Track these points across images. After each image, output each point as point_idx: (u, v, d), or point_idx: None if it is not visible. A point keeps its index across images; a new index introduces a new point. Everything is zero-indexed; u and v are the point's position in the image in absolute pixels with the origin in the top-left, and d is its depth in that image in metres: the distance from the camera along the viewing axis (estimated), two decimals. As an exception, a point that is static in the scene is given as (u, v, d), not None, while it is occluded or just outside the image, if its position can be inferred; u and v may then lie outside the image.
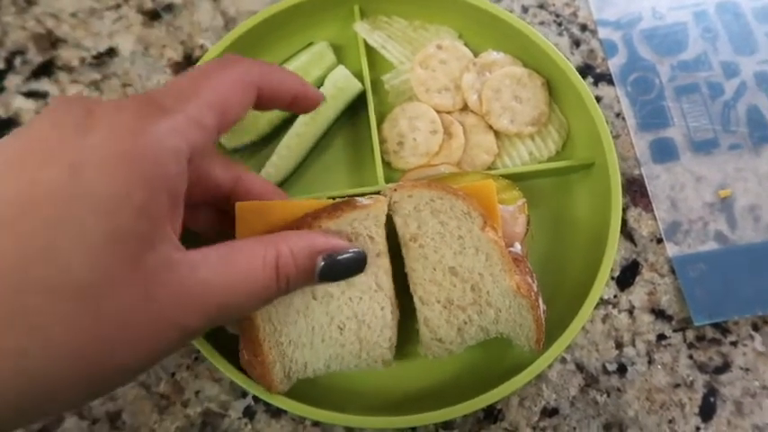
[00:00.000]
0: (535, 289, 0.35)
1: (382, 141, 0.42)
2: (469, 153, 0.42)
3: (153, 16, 0.48)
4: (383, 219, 0.35)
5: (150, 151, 0.19)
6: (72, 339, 0.17)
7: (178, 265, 0.20)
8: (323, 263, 0.27)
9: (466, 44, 0.45)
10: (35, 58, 0.46)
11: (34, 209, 0.18)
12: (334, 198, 0.37)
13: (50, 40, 0.47)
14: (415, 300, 0.35)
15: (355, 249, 0.29)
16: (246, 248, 0.23)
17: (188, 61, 0.46)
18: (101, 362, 0.18)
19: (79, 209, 0.18)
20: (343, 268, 0.28)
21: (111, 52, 0.47)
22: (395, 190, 0.35)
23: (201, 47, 0.47)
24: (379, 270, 0.34)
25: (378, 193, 0.40)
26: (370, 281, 0.34)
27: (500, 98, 0.42)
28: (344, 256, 0.28)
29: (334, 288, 0.33)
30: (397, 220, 0.35)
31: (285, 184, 0.42)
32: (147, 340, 0.19)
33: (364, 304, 0.34)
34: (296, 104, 0.32)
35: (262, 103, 0.29)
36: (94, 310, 0.18)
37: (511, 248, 0.36)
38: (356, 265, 0.29)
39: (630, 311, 0.41)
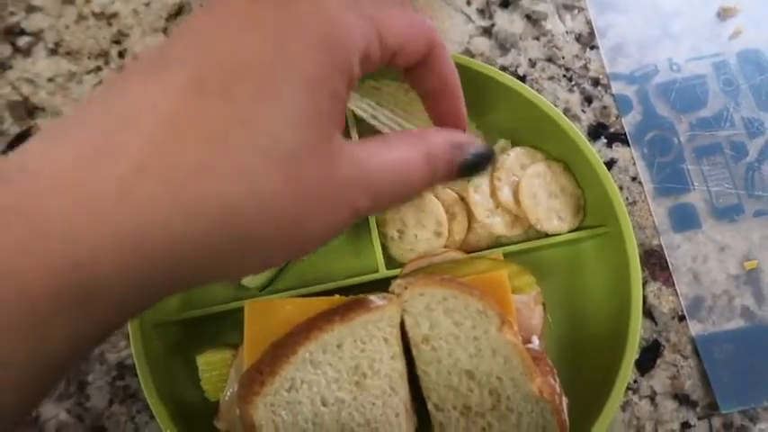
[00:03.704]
0: (558, 390, 0.32)
1: (382, 224, 0.40)
2: (476, 231, 0.40)
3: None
4: (398, 319, 0.33)
5: (345, 43, 0.20)
6: (278, 200, 0.19)
7: (351, 151, 0.21)
8: (464, 157, 0.26)
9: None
10: (11, 128, 0.43)
11: (241, 77, 0.19)
12: (339, 292, 0.35)
13: (27, 108, 0.43)
14: (430, 406, 0.32)
15: (483, 146, 0.27)
16: (400, 141, 0.24)
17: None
18: (295, 226, 0.20)
19: (286, 83, 0.19)
20: (478, 160, 0.26)
21: (94, 119, 0.43)
22: (405, 288, 0.33)
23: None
24: (393, 373, 0.32)
25: (382, 281, 0.38)
26: (384, 384, 0.32)
27: (539, 202, 0.39)
28: (477, 150, 0.26)
29: (345, 393, 0.31)
30: (408, 320, 0.33)
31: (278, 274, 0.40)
32: (329, 212, 0.21)
33: (377, 410, 0.31)
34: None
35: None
36: (296, 178, 0.19)
37: (529, 345, 0.34)
38: (488, 159, 0.27)
39: (652, 398, 0.38)
